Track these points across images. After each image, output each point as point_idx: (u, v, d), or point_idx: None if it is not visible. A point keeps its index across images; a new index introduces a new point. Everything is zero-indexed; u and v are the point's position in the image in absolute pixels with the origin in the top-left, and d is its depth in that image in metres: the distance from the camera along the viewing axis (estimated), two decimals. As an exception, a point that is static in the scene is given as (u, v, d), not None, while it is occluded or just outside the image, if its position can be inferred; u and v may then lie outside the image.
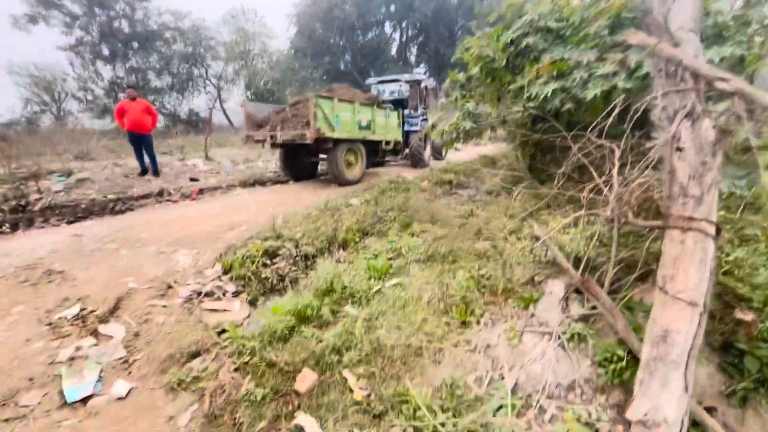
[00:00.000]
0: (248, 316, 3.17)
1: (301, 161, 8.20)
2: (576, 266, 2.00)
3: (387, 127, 8.49)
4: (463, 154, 13.69)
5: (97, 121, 20.14)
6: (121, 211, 5.98)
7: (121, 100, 7.67)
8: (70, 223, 5.33)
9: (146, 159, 7.76)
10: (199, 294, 3.33)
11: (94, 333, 2.56)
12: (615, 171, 2.12)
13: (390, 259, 3.78)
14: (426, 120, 10.56)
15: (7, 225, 5.03)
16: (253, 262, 3.85)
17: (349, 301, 2.79)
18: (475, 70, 4.43)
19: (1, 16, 19.73)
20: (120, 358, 2.30)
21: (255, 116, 7.45)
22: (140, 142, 7.50)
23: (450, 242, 3.63)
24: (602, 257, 2.03)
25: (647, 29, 1.76)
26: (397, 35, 34.53)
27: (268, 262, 4.02)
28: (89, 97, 19.95)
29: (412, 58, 35.36)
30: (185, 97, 22.60)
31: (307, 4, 29.71)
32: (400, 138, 9.27)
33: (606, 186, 2.29)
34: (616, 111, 2.57)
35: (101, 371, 2.17)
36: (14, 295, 3.07)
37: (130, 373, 2.18)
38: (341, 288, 2.88)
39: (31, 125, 17.49)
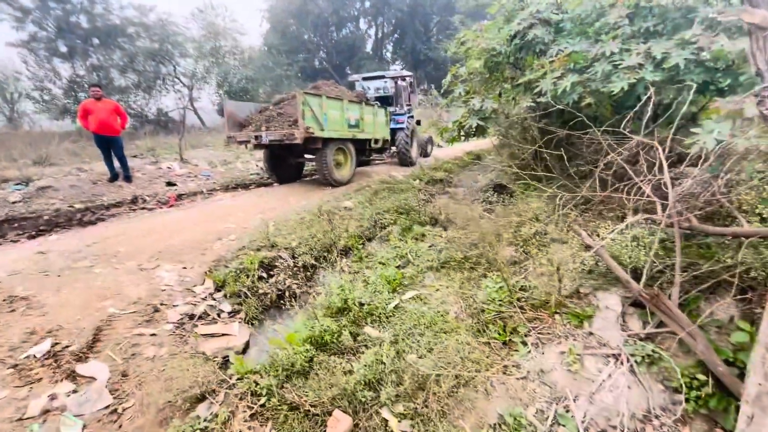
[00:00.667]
0: (249, 340, 2.84)
1: (287, 162, 7.77)
2: (633, 277, 1.80)
3: (375, 125, 8.18)
4: (446, 149, 13.51)
5: (56, 123, 18.74)
6: (92, 222, 5.43)
7: (84, 99, 7.01)
8: (32, 237, 4.77)
9: (116, 163, 7.13)
10: (191, 317, 2.95)
11: (72, 375, 2.16)
12: (666, 169, 1.92)
13: (399, 267, 3.53)
14: (412, 117, 10.38)
15: (-43, 243, 4.42)
16: (248, 276, 3.50)
17: (368, 320, 2.50)
18: (477, 64, 4.21)
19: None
20: (106, 407, 1.93)
21: (236, 116, 7.01)
22: (109, 145, 6.86)
23: (463, 247, 3.40)
24: (659, 265, 1.85)
25: (755, 3, 1.54)
26: (372, 32, 34.21)
27: (265, 275, 3.67)
28: (46, 97, 18.49)
29: (388, 55, 35.14)
30: (153, 96, 21.39)
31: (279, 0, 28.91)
32: (388, 136, 8.96)
33: (648, 185, 2.10)
34: (650, 105, 2.40)
35: (84, 427, 1.79)
36: (-32, 330, 2.60)
37: (120, 426, 1.81)
38: (358, 305, 2.59)
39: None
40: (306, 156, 7.65)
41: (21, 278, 3.41)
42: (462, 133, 4.23)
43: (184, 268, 3.73)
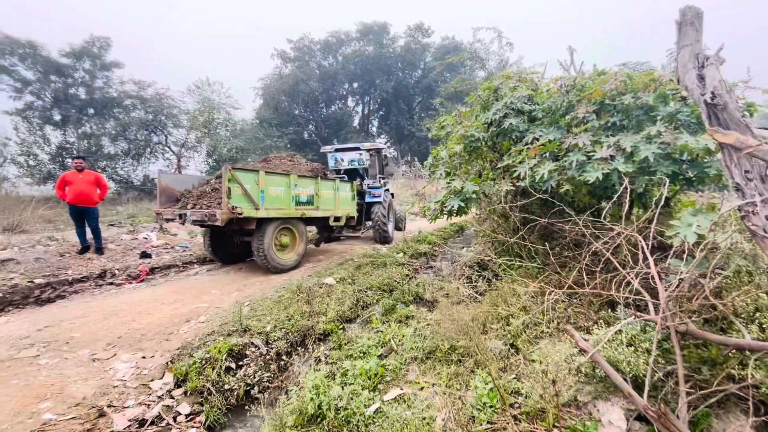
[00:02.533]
0: (207, 452, 2.45)
1: (231, 241, 7.01)
2: (634, 386, 1.65)
3: (336, 201, 7.51)
4: (424, 221, 13.71)
5: (37, 188, 18.50)
6: (51, 300, 5.01)
7: (67, 171, 6.95)
8: (-23, 318, 4.32)
9: (89, 234, 6.88)
10: (141, 423, 2.57)
11: None
12: (651, 263, 1.88)
13: (381, 356, 3.26)
14: (388, 190, 10.00)
15: None
16: (213, 368, 3.16)
17: (344, 430, 2.20)
18: (458, 148, 4.39)
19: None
20: None
21: (172, 189, 6.37)
22: (84, 215, 6.68)
23: (449, 333, 3.20)
24: (660, 372, 1.71)
25: (723, 124, 1.62)
26: (359, 108, 36.68)
27: (234, 365, 3.33)
28: (32, 162, 18.49)
29: (374, 129, 37.29)
30: (141, 163, 21.68)
31: (274, 78, 31.16)
32: (353, 212, 8.16)
33: (636, 279, 2.04)
34: (626, 195, 2.45)
35: None
36: None
37: None
38: (333, 411, 2.29)
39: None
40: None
41: (-50, 373, 3.00)
42: (444, 212, 4.26)
43: (144, 357, 3.38)
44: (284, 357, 3.64)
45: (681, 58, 1.91)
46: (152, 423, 2.60)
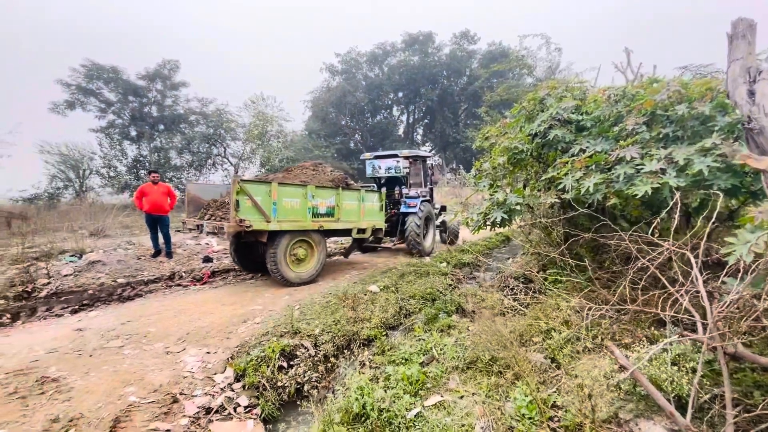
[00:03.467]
0: (263, 441, 2.71)
1: (257, 250, 6.86)
2: (677, 405, 1.63)
3: (360, 212, 7.11)
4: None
5: (116, 197, 20.78)
6: (130, 298, 5.69)
7: (143, 183, 7.83)
8: (74, 312, 5.02)
9: (161, 240, 7.69)
10: (208, 410, 2.90)
11: (83, 475, 2.12)
12: (701, 282, 1.84)
13: (422, 364, 3.37)
14: (430, 201, 9.46)
15: (8, 315, 4.73)
16: (268, 366, 3.45)
17: (386, 430, 2.35)
18: (501, 159, 4.42)
19: (40, 101, 21.65)
20: None
21: (199, 199, 6.50)
22: (157, 223, 7.50)
23: (490, 345, 3.24)
24: (706, 393, 1.67)
25: (761, 148, 1.61)
26: (404, 117, 37.07)
27: (285, 364, 3.61)
28: (112, 174, 20.84)
29: (419, 138, 37.48)
30: (203, 174, 23.58)
31: (322, 91, 32.50)
32: (380, 224, 7.71)
33: (685, 297, 2.00)
34: (677, 209, 2.39)
35: None
36: (-2, 413, 2.67)
37: None
38: (377, 412, 2.45)
39: (52, 200, 18.03)
40: None
41: (56, 357, 3.54)
42: (486, 223, 4.29)
43: (208, 352, 3.75)
44: (331, 359, 3.87)
45: (731, 72, 1.87)
46: (216, 411, 2.91)
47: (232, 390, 3.23)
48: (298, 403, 3.21)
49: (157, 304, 5.24)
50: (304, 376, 3.48)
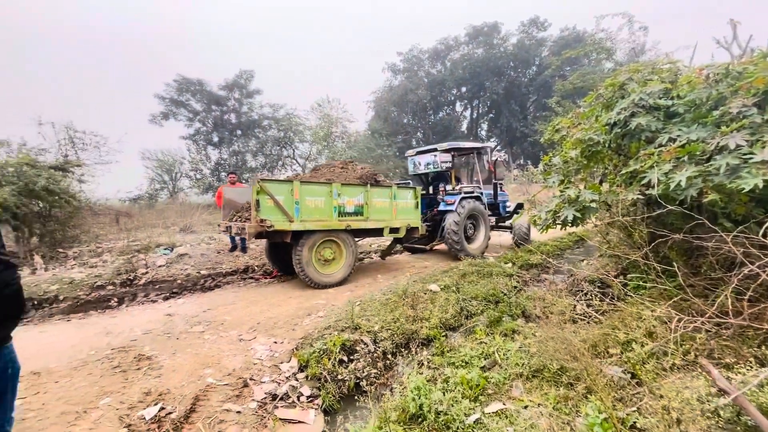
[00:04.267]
0: None
1: (290, 252, 6.52)
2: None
3: (393, 210, 6.72)
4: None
5: (201, 196, 23.15)
6: (211, 288, 6.27)
7: (222, 184, 8.59)
8: (166, 299, 5.67)
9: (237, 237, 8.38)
10: (274, 396, 3.07)
11: (167, 445, 2.37)
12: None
13: (483, 368, 3.23)
14: (477, 198, 8.35)
15: (116, 299, 5.48)
16: (329, 359, 3.56)
17: (444, 434, 2.28)
18: (573, 153, 4.06)
19: (142, 114, 24.97)
20: (187, 488, 2.03)
21: (235, 202, 6.50)
22: (234, 220, 8.19)
23: (558, 352, 3.00)
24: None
25: None
26: (467, 113, 36.06)
27: (345, 358, 3.70)
28: (198, 176, 23.28)
29: (483, 133, 36.20)
30: (274, 174, 25.31)
31: (384, 90, 32.87)
32: (416, 222, 7.20)
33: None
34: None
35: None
36: (105, 383, 3.10)
37: None
38: (434, 414, 2.40)
39: (151, 200, 20.61)
40: None
41: (150, 338, 4.03)
42: (556, 222, 3.97)
43: (275, 342, 3.98)
44: (389, 356, 3.88)
45: None
46: (281, 398, 3.07)
47: (296, 379, 3.39)
48: (357, 397, 3.27)
49: (233, 295, 5.71)
50: (363, 372, 3.54)
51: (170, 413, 2.68)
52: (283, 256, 6.68)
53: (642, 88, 3.85)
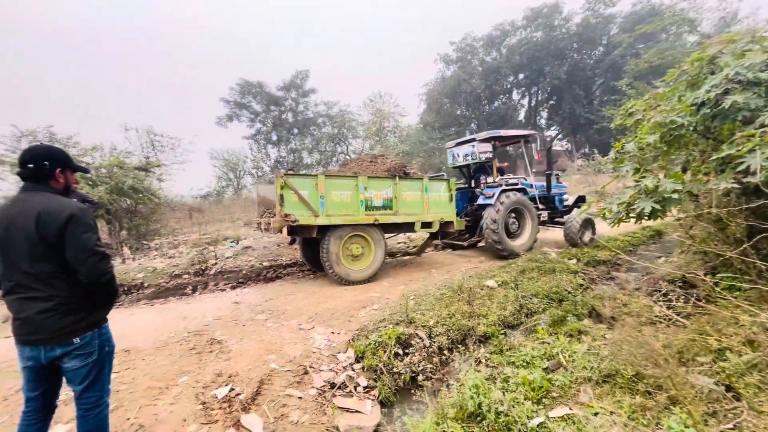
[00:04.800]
0: (379, 423, 2.82)
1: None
2: None
3: (424, 203, 6.42)
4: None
5: (262, 193, 24.56)
6: (272, 279, 6.63)
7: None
8: (233, 287, 6.10)
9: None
10: (332, 385, 3.16)
11: (236, 424, 2.54)
12: None
13: (547, 369, 3.05)
14: (523, 190, 7.66)
15: (190, 287, 6.01)
16: (384, 351, 3.59)
17: (505, 435, 2.19)
18: (651, 138, 3.66)
19: (210, 118, 27.07)
20: (255, 466, 2.16)
21: (269, 199, 6.33)
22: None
23: (634, 357, 2.73)
24: None
25: None
26: (525, 101, 34.23)
27: (401, 352, 3.70)
28: (259, 173, 24.75)
29: (542, 122, 34.18)
30: (328, 170, 26.21)
31: (436, 82, 32.26)
32: (450, 216, 6.82)
33: None
34: None
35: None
36: (183, 363, 3.40)
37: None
38: (494, 414, 2.31)
39: (219, 196, 22.28)
40: None
41: (220, 324, 4.35)
42: (631, 215, 3.61)
43: (333, 332, 4.10)
44: (445, 352, 3.82)
45: None
46: (339, 387, 3.16)
47: (353, 370, 3.46)
48: (413, 391, 3.26)
49: (292, 286, 5.98)
50: (419, 366, 3.51)
51: (239, 394, 2.87)
52: (318, 255, 6.45)
53: (738, 60, 3.36)
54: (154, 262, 7.35)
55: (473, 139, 7.93)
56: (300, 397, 2.92)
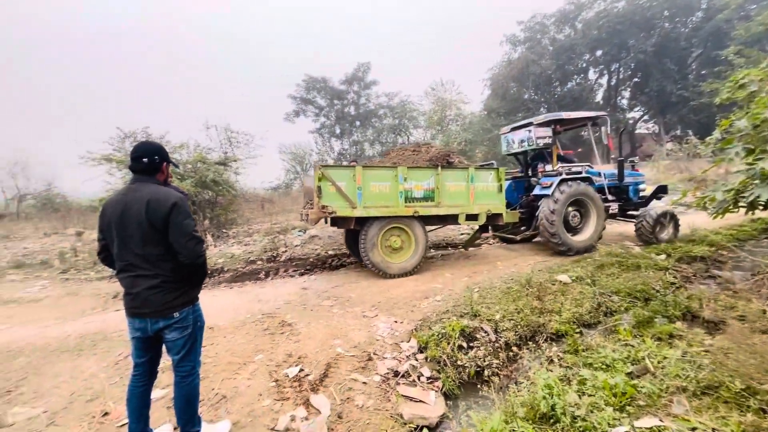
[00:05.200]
0: (443, 415, 2.78)
1: None
2: None
3: (470, 194, 6.06)
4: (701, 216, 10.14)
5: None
6: (336, 267, 6.86)
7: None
8: (301, 274, 6.42)
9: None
10: (396, 373, 3.18)
11: (306, 403, 2.67)
12: None
13: (631, 374, 2.76)
14: (587, 180, 6.84)
15: (263, 272, 6.45)
16: (448, 343, 3.52)
17: (583, 442, 2.02)
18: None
19: (278, 114, 28.69)
20: (323, 443, 2.26)
21: (311, 190, 6.18)
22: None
23: (744, 368, 2.35)
24: None
25: None
26: (604, 80, 31.11)
27: (465, 345, 3.61)
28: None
29: (624, 102, 30.84)
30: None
31: (502, 65, 30.61)
32: (499, 208, 6.33)
33: None
34: None
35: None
36: (258, 342, 3.65)
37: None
38: (569, 418, 2.14)
39: (287, 188, 23.61)
40: None
41: (290, 308, 4.60)
42: (741, 204, 3.09)
43: (396, 321, 4.12)
44: (513, 348, 3.64)
45: None
46: (402, 376, 3.17)
47: (416, 359, 3.45)
48: (478, 386, 3.17)
49: (355, 275, 6.13)
50: (484, 360, 3.40)
51: (308, 375, 3.01)
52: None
53: None
54: (232, 249, 8.01)
55: (530, 124, 7.24)
56: (365, 383, 2.98)
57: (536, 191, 6.92)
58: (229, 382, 2.94)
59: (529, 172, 7.95)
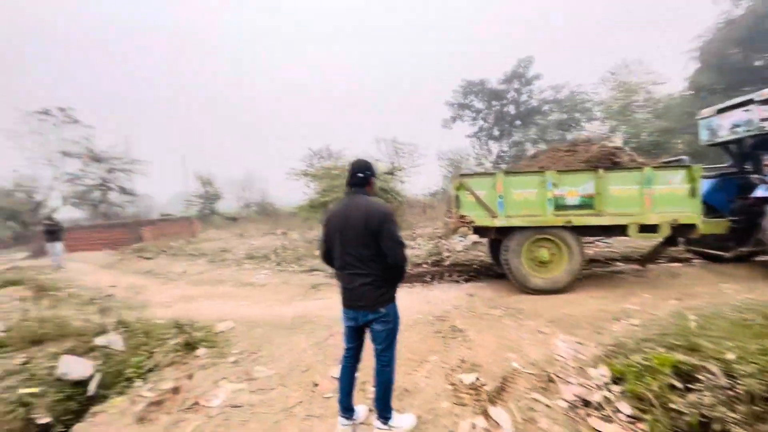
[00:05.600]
0: (654, 466, 2.29)
1: None
2: None
3: (645, 200, 4.92)
4: None
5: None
6: (501, 275, 6.54)
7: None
8: (467, 280, 6.42)
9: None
10: (585, 402, 2.82)
11: (485, 413, 2.62)
12: None
13: None
14: None
15: (429, 275, 6.72)
16: (654, 379, 2.90)
17: None
18: None
19: (434, 120, 29.64)
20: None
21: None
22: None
23: None
24: None
25: None
26: None
27: (680, 385, 2.90)
28: (480, 170, 25.26)
29: None
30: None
31: (717, 30, 23.73)
32: (693, 218, 4.93)
33: None
34: None
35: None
36: (430, 342, 3.82)
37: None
38: None
39: (446, 194, 24.12)
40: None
41: (458, 313, 4.65)
42: None
43: (578, 343, 3.66)
44: (759, 403, 2.73)
45: None
46: (594, 408, 2.77)
47: (609, 391, 2.97)
48: (704, 441, 2.50)
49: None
50: (712, 410, 2.65)
51: (484, 385, 2.97)
52: None
53: None
54: (400, 252, 8.64)
55: (749, 101, 5.49)
56: (548, 406, 2.74)
57: (760, 192, 5.31)
58: (408, 377, 3.15)
59: (746, 167, 6.00)
